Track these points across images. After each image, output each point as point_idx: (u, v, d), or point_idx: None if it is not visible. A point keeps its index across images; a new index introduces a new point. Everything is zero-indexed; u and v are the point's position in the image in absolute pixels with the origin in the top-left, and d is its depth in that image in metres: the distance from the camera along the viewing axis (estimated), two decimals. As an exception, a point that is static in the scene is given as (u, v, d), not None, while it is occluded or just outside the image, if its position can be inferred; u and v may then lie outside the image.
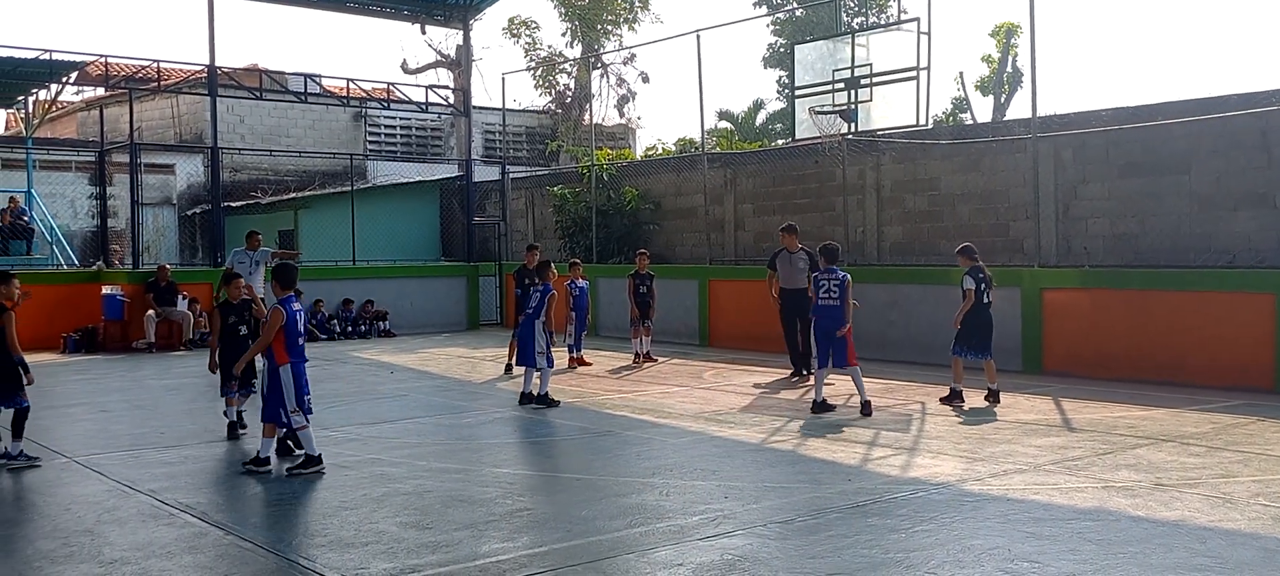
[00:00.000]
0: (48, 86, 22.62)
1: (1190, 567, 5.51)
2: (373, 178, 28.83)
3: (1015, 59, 33.05)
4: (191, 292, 19.38)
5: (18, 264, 20.47)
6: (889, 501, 7.00)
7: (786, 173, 19.00)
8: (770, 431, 9.82)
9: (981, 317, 11.03)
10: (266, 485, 7.82)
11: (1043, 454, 8.45)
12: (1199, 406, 10.64)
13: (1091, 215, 14.71)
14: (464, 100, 24.84)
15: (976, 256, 11.21)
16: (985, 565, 5.59)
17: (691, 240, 20.78)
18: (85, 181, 26.10)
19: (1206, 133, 13.45)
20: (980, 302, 10.99)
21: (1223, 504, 6.78)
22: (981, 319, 11.03)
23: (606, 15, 33.30)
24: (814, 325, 10.83)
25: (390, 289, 22.04)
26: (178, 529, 6.61)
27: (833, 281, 10.63)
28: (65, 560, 5.99)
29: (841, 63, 16.49)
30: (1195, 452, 8.42)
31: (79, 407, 11.77)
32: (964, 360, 11.10)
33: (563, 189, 23.18)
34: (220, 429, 10.20)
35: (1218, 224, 13.45)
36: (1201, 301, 12.33)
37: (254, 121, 28.76)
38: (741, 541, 6.11)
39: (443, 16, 24.66)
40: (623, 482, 7.78)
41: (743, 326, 17.48)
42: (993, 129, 17.49)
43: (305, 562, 5.85)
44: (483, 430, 10.33)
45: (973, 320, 10.99)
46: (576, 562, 5.81)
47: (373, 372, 14.62)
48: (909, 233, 16.94)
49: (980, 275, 11.04)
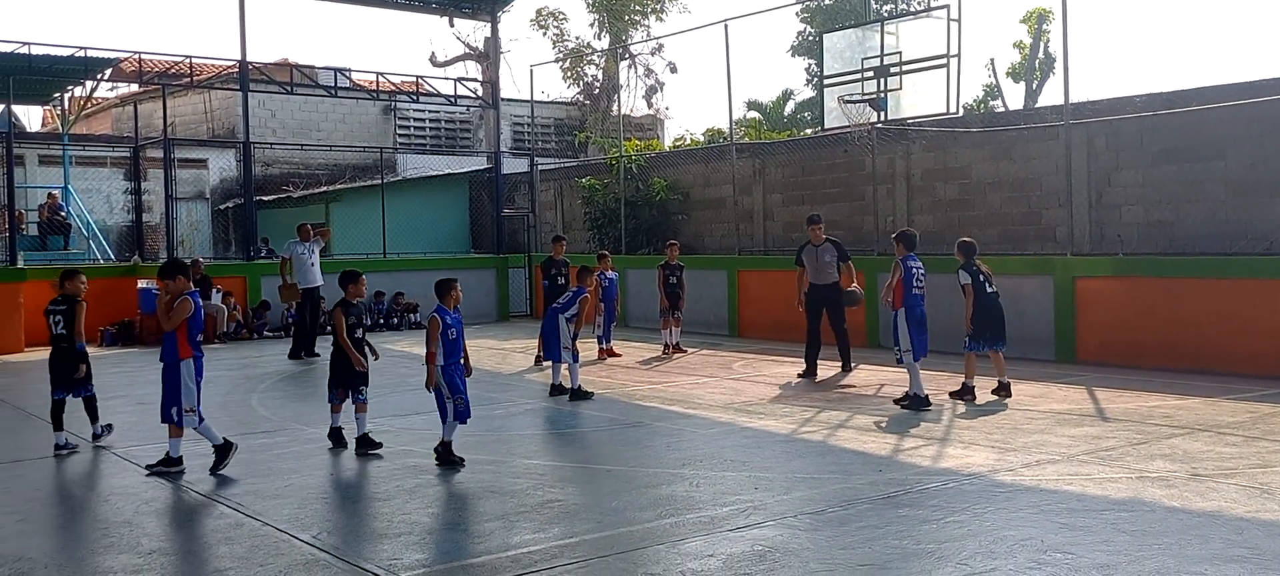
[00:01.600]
0: (83, 83, 22.93)
1: (1227, 559, 5.46)
2: (403, 171, 28.98)
3: (1047, 45, 32.73)
4: (225, 286, 19.60)
5: (56, 259, 20.79)
6: (920, 492, 6.98)
7: (816, 162, 18.92)
8: (800, 422, 9.81)
9: (991, 308, 10.74)
10: (303, 478, 7.90)
11: (1076, 444, 8.39)
12: (1235, 395, 10.51)
13: (1125, 202, 14.54)
14: (493, 92, 24.90)
15: (973, 253, 10.82)
16: (1017, 556, 5.56)
17: (720, 231, 20.74)
18: (120, 177, 26.39)
19: (1243, 118, 13.26)
20: (983, 293, 10.69)
21: (1260, 494, 6.70)
22: (991, 309, 10.74)
23: (634, 5, 33.27)
24: (912, 316, 10.37)
25: (421, 281, 22.09)
26: (214, 520, 6.70)
27: (921, 271, 10.54)
28: (105, 550, 6.10)
29: (871, 51, 16.37)
30: (1231, 442, 8.32)
31: (117, 399, 11.93)
32: (978, 354, 10.80)
33: (591, 180, 23.21)
34: (255, 421, 10.32)
35: (1255, 210, 13.26)
36: (1238, 289, 12.16)
37: (285, 116, 28.97)
38: (772, 532, 6.12)
39: (471, 9, 24.72)
40: (653, 473, 7.80)
41: (772, 317, 17.43)
42: (1024, 116, 17.34)
43: (340, 554, 5.91)
44: (513, 421, 10.38)
45: (981, 313, 10.69)
46: (607, 553, 5.83)
47: (404, 364, 14.72)
48: (940, 221, 16.82)
49: (974, 268, 10.69)
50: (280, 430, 9.91)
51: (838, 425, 9.62)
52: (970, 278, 10.66)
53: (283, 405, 11.56)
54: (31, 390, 12.38)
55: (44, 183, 23.93)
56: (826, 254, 13.00)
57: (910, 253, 10.55)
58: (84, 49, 19.65)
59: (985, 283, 10.72)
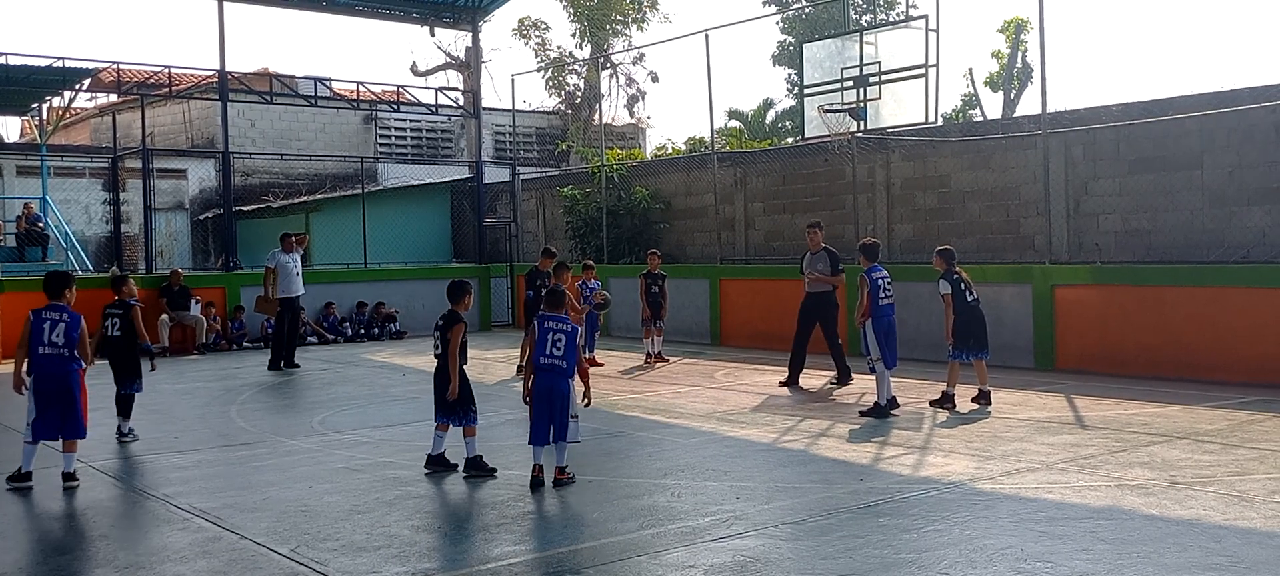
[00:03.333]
0: (61, 94, 22.77)
1: (1205, 567, 5.49)
2: (384, 180, 28.91)
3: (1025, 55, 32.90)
4: (205, 297, 19.47)
5: (34, 270, 20.61)
6: (901, 501, 6.99)
7: (796, 171, 18.98)
8: (782, 431, 9.81)
9: (972, 316, 10.71)
10: (282, 491, 7.84)
11: (1055, 452, 8.43)
12: (1213, 403, 10.58)
13: (1103, 211, 14.65)
14: (474, 102, 24.88)
15: (953, 261, 10.79)
16: (998, 565, 5.58)
17: (702, 239, 20.77)
18: (98, 187, 26.24)
19: (1219, 127, 13.39)
20: (964, 302, 10.66)
21: (1238, 502, 6.74)
22: (972, 317, 10.71)
23: (615, 15, 33.31)
24: (879, 325, 10.50)
25: (402, 291, 22.09)
26: (191, 533, 6.64)
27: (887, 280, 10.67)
28: (82, 564, 6.03)
29: (850, 61, 16.45)
30: (1210, 450, 8.38)
31: (94, 412, 11.79)
32: (961, 363, 10.76)
33: (573, 189, 23.20)
34: (234, 433, 10.24)
35: (1231, 219, 13.38)
36: (1215, 297, 12.26)
37: (265, 125, 28.87)
38: (753, 542, 6.11)
39: (452, 18, 24.69)
40: (634, 484, 7.79)
41: (754, 325, 17.47)
42: (1002, 126, 17.43)
43: (318, 567, 5.87)
44: (495, 432, 10.34)
45: (963, 322, 10.65)
46: (588, 565, 5.82)
47: (385, 375, 14.66)
48: (919, 230, 16.90)
49: (954, 277, 10.66)
50: (259, 442, 9.84)
51: (819, 434, 9.63)
52: (950, 287, 10.61)
53: (262, 417, 11.49)
54: (8, 404, 12.26)
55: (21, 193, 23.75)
56: (820, 261, 12.91)
57: (874, 263, 10.65)
58: (62, 59, 19.52)
59: (966, 291, 10.70)
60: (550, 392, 7.63)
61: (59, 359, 8.08)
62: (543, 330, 7.70)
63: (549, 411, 7.60)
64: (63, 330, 8.09)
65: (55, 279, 8.39)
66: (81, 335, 8.20)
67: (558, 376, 7.64)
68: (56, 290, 8.29)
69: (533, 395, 7.72)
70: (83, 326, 8.24)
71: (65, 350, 8.09)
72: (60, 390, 8.08)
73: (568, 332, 7.70)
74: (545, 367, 7.66)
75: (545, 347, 7.65)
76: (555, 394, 7.62)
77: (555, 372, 7.64)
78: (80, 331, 8.20)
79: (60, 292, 8.28)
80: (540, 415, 7.63)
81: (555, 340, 7.66)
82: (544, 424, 7.61)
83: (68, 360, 8.12)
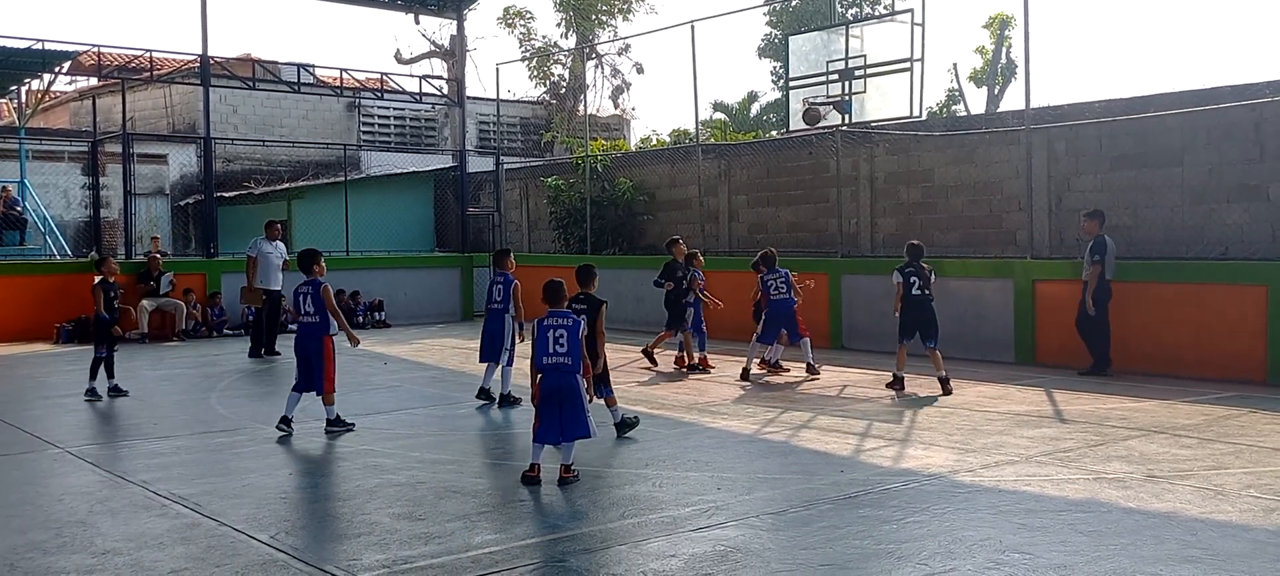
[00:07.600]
0: (40, 76, 22.52)
1: (1181, 559, 5.54)
2: (367, 168, 28.76)
3: (1009, 50, 33.06)
4: (184, 283, 19.29)
5: (11, 254, 20.43)
6: (881, 492, 7.02)
7: (781, 164, 19.00)
8: (763, 423, 9.84)
9: (916, 307, 11.46)
10: (262, 478, 7.81)
11: (1034, 445, 8.48)
12: (1191, 398, 10.67)
13: (1084, 206, 14.68)
14: (458, 91, 24.77)
15: (918, 256, 11.55)
16: (976, 556, 5.61)
17: (685, 231, 20.69)
18: (78, 172, 25.99)
19: (1199, 125, 13.47)
20: (909, 294, 11.41)
21: (1214, 495, 6.80)
22: (916, 308, 11.46)
23: (601, 5, 33.24)
24: (773, 316, 12.96)
25: (384, 280, 22.01)
26: (170, 520, 6.60)
27: (780, 279, 13.01)
28: (58, 550, 5.99)
29: (836, 54, 16.43)
30: (1187, 444, 8.45)
31: (72, 398, 11.74)
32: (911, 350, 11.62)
33: (557, 180, 23.15)
34: (214, 419, 10.17)
35: (1210, 216, 13.48)
36: (1194, 293, 12.35)
37: (247, 111, 28.66)
38: (734, 532, 6.13)
39: (436, 6, 24.57)
40: (616, 474, 7.79)
41: (736, 317, 17.46)
42: (986, 121, 17.52)
43: (297, 554, 5.85)
44: (476, 421, 10.33)
45: (906, 311, 11.46)
46: (569, 554, 5.82)
47: (367, 363, 14.60)
48: (902, 224, 16.94)
49: (907, 269, 11.46)
50: (239, 429, 9.79)
51: (800, 426, 9.66)
52: (901, 278, 11.49)
53: (242, 404, 11.43)
54: (9, 403, 12.17)
55: (-1, 177, 23.49)
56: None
57: (771, 269, 13.12)
58: (41, 41, 19.34)
59: (914, 283, 11.45)
60: (558, 392, 7.42)
61: (311, 325, 9.39)
62: (542, 330, 7.50)
63: (559, 411, 7.40)
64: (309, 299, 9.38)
65: (305, 256, 9.70)
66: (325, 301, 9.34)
67: (564, 374, 7.42)
68: (307, 266, 9.59)
69: (540, 397, 7.51)
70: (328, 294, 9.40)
71: (315, 316, 9.34)
72: (304, 356, 9.46)
73: (569, 327, 7.50)
74: (550, 367, 7.44)
75: (547, 347, 7.44)
76: (564, 392, 7.42)
77: (561, 371, 7.43)
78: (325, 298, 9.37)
79: (309, 268, 9.54)
80: (549, 415, 7.42)
81: (557, 338, 7.45)
82: (553, 423, 7.42)
83: (317, 326, 9.33)
